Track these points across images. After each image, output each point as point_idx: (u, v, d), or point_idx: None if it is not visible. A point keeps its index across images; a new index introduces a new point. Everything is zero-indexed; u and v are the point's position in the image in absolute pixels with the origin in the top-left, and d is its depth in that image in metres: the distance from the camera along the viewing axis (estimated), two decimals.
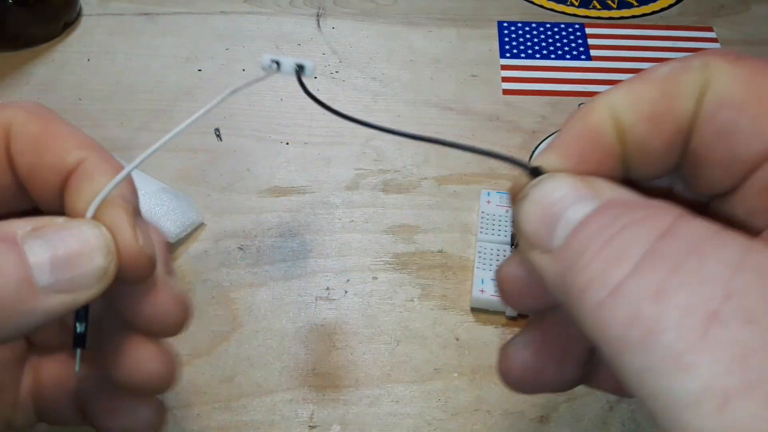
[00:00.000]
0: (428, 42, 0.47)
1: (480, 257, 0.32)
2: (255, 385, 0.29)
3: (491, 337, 0.30)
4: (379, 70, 0.44)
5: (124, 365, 0.20)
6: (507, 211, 0.34)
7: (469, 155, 0.39)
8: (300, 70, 0.21)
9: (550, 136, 0.40)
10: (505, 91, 0.43)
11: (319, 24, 0.48)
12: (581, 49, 0.46)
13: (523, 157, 0.39)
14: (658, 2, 0.50)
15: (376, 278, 0.32)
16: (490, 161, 0.38)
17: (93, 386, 0.21)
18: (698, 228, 0.13)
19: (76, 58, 0.45)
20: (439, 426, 0.27)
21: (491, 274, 0.31)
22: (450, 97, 0.42)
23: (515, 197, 0.17)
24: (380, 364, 0.29)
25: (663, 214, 0.13)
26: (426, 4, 0.50)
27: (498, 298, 0.27)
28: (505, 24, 0.48)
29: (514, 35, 0.47)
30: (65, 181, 0.19)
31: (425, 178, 0.37)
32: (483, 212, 0.34)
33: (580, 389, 0.28)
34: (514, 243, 0.30)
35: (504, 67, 0.45)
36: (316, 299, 0.32)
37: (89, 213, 0.18)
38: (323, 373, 0.29)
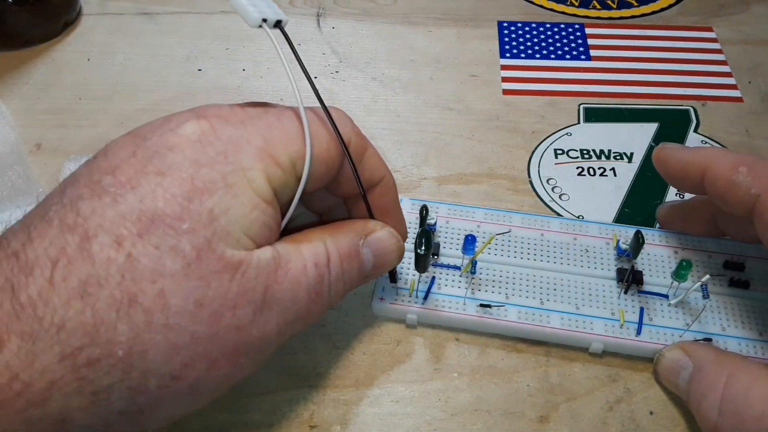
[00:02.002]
0: (428, 42, 0.47)
1: None
2: (255, 384, 0.29)
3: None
4: (379, 70, 0.44)
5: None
6: (416, 218, 0.33)
7: (468, 155, 0.39)
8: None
9: (549, 136, 0.40)
10: (505, 91, 0.43)
11: (319, 24, 0.48)
12: (581, 49, 0.46)
13: (523, 156, 0.39)
14: (657, 2, 0.50)
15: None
16: (490, 161, 0.38)
17: None
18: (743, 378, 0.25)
19: (76, 57, 0.45)
20: (439, 426, 0.27)
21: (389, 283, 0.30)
22: (450, 97, 0.42)
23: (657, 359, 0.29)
24: (380, 364, 0.29)
25: (721, 373, 0.25)
26: (426, 4, 0.50)
27: (397, 306, 0.30)
28: (505, 24, 0.48)
29: (514, 35, 0.47)
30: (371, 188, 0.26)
31: (425, 178, 0.37)
32: None
33: (580, 390, 0.28)
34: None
35: (504, 67, 0.45)
36: None
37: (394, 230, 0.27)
38: (323, 373, 0.29)
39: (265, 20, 0.24)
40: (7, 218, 0.32)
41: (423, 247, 0.27)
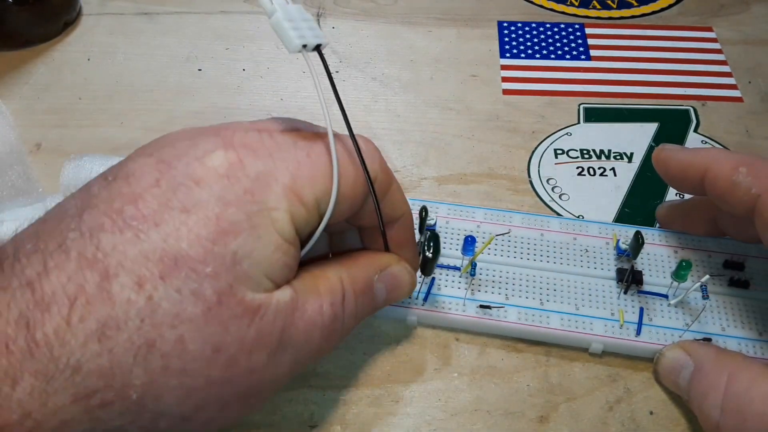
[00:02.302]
0: (428, 42, 0.47)
1: None
2: None
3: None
4: (379, 70, 0.44)
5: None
6: (416, 218, 0.32)
7: (468, 155, 0.39)
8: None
9: (549, 135, 0.40)
10: (505, 91, 0.43)
11: (319, 24, 0.48)
12: (581, 49, 0.46)
13: (523, 156, 0.39)
14: (657, 2, 0.50)
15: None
16: (490, 161, 0.38)
17: None
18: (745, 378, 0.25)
19: (76, 57, 0.45)
20: (439, 426, 0.27)
21: None
22: (450, 97, 0.42)
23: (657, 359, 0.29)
24: (380, 364, 0.29)
25: (722, 371, 0.25)
26: (426, 4, 0.50)
27: (397, 307, 0.30)
28: (505, 24, 0.48)
29: (514, 35, 0.47)
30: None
31: (425, 178, 0.37)
32: None
33: (580, 390, 0.28)
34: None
35: (504, 67, 0.45)
36: None
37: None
38: (324, 372, 0.29)
39: (304, 45, 0.22)
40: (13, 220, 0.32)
41: (432, 251, 0.27)
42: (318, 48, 0.23)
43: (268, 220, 0.21)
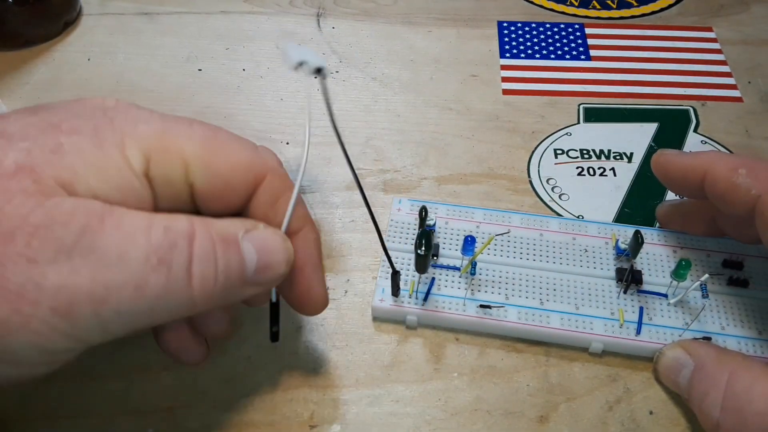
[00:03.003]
0: (428, 42, 0.47)
1: (383, 266, 0.31)
2: (255, 384, 0.29)
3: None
4: (379, 70, 0.45)
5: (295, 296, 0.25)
6: (415, 218, 0.33)
7: (468, 155, 0.39)
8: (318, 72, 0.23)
9: (549, 135, 0.40)
10: (505, 91, 0.43)
11: (319, 24, 0.48)
12: (581, 49, 0.46)
13: (523, 156, 0.39)
14: (657, 2, 0.50)
15: (375, 278, 0.32)
16: (490, 161, 0.38)
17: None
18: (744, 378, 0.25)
19: (77, 57, 0.45)
20: (439, 426, 0.27)
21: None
22: (450, 97, 0.42)
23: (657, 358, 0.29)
24: (380, 364, 0.29)
25: (723, 370, 0.25)
26: (426, 4, 0.50)
27: (397, 307, 0.30)
28: (505, 24, 0.48)
29: (513, 35, 0.47)
30: (251, 192, 0.23)
31: (425, 178, 0.37)
32: (392, 220, 0.33)
33: (580, 389, 0.28)
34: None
35: (504, 67, 0.45)
36: None
37: (283, 228, 0.23)
38: (323, 372, 0.29)
39: (301, 64, 0.23)
40: None
41: (423, 248, 0.27)
42: (320, 72, 0.23)
43: (118, 137, 0.20)
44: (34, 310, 0.17)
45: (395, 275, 0.29)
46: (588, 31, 0.47)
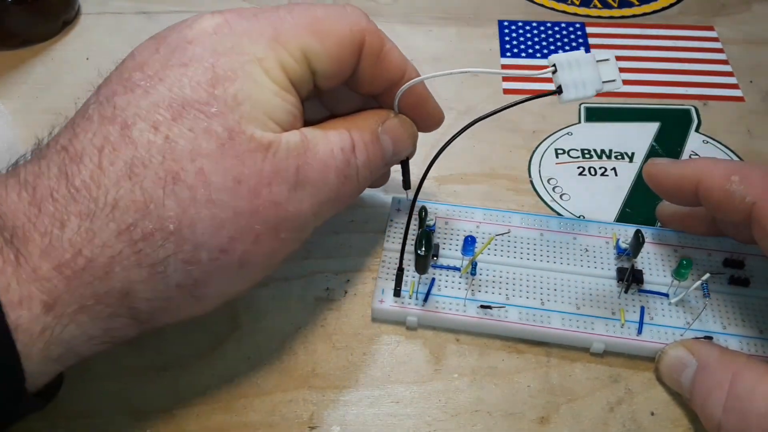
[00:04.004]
0: (428, 41, 0.47)
1: (383, 267, 0.31)
2: (255, 385, 0.29)
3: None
4: None
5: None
6: (415, 219, 0.32)
7: (469, 155, 0.39)
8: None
9: (550, 135, 0.40)
10: (506, 91, 0.43)
11: None
12: (582, 48, 0.46)
13: (524, 156, 0.38)
14: (659, 1, 0.49)
15: (375, 278, 0.32)
16: (490, 161, 0.38)
17: None
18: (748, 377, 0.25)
19: (75, 56, 0.45)
20: (440, 427, 0.27)
21: (392, 284, 0.30)
22: (450, 97, 0.42)
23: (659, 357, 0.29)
24: (380, 365, 0.29)
25: (726, 371, 0.25)
26: (426, 4, 0.50)
27: (397, 308, 0.29)
28: (506, 23, 0.48)
29: (514, 34, 0.47)
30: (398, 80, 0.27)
31: (425, 178, 0.37)
32: (392, 220, 0.33)
33: (581, 390, 0.28)
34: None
35: (504, 67, 0.45)
36: (316, 299, 0.32)
37: (395, 106, 0.28)
38: (323, 373, 0.29)
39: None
40: None
41: (423, 249, 0.27)
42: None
43: (260, 68, 0.23)
44: (287, 234, 0.24)
45: (400, 272, 0.29)
46: (589, 30, 0.47)
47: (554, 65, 0.25)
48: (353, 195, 0.26)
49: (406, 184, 0.33)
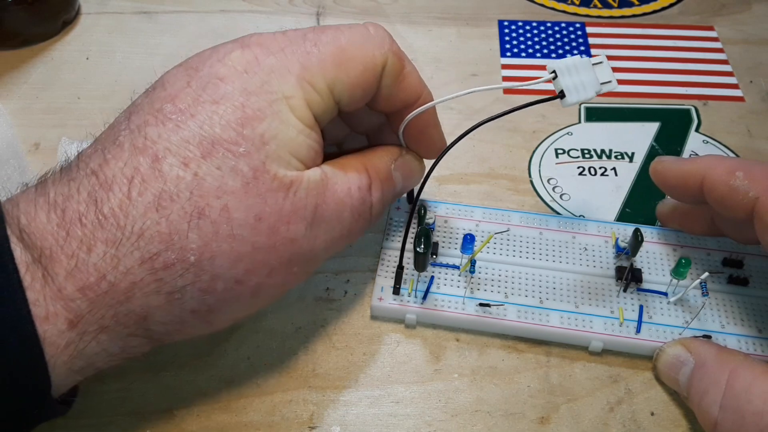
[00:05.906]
0: (428, 41, 0.47)
1: (382, 265, 0.31)
2: (255, 385, 0.29)
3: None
4: None
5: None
6: (415, 216, 0.33)
7: (469, 155, 0.39)
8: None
9: (550, 135, 0.40)
10: (506, 91, 0.43)
11: (318, 22, 0.48)
12: (582, 48, 0.46)
13: (524, 156, 0.38)
14: (659, 1, 0.49)
15: (375, 278, 0.32)
16: (490, 161, 0.38)
17: None
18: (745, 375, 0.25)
19: (75, 56, 0.45)
20: (440, 427, 0.27)
21: (391, 282, 0.30)
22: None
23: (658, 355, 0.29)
24: (380, 365, 0.29)
25: (723, 369, 0.25)
26: (426, 3, 0.50)
27: (396, 306, 0.29)
28: (506, 23, 0.48)
29: (514, 34, 0.47)
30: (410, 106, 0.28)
31: (427, 180, 0.37)
32: (391, 218, 0.33)
33: (581, 390, 0.28)
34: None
35: (504, 66, 0.45)
36: (316, 299, 0.32)
37: (400, 133, 0.29)
38: (323, 373, 0.29)
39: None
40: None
41: (422, 245, 0.27)
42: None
43: (287, 106, 0.23)
44: (299, 268, 0.25)
45: (400, 270, 0.29)
46: (589, 30, 0.47)
47: (554, 72, 0.25)
48: (364, 230, 0.27)
49: (410, 199, 0.34)
